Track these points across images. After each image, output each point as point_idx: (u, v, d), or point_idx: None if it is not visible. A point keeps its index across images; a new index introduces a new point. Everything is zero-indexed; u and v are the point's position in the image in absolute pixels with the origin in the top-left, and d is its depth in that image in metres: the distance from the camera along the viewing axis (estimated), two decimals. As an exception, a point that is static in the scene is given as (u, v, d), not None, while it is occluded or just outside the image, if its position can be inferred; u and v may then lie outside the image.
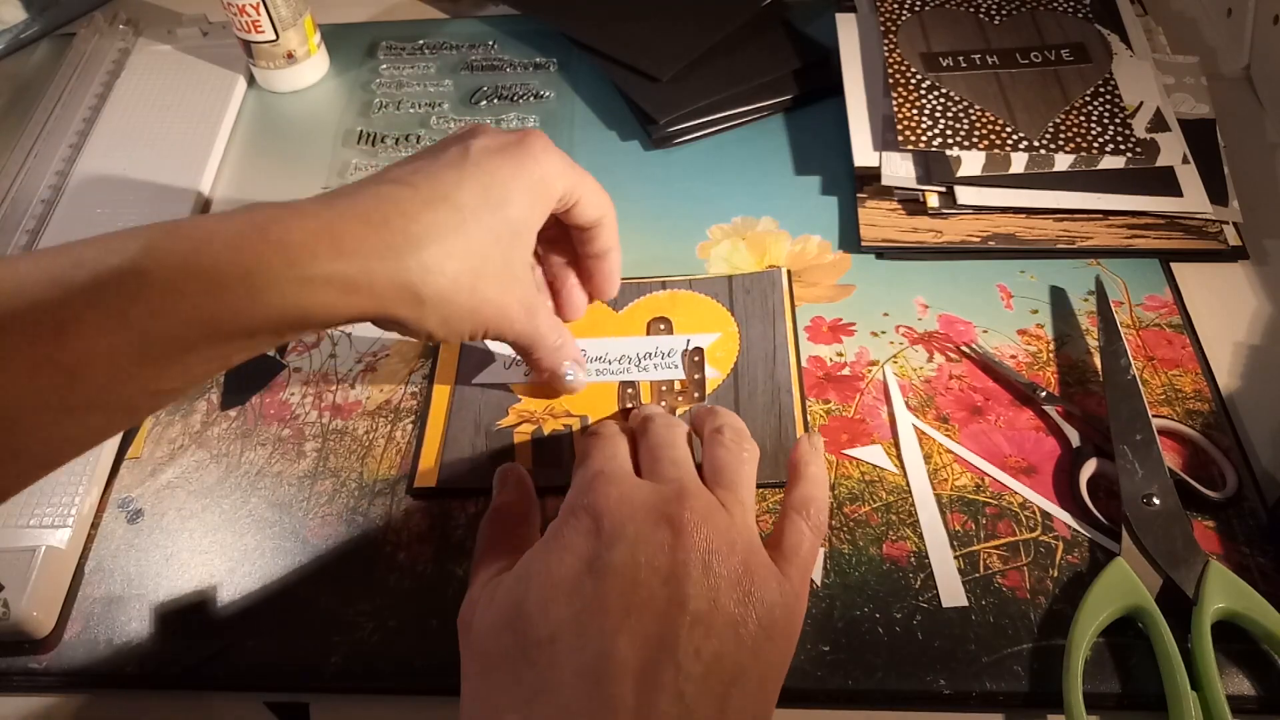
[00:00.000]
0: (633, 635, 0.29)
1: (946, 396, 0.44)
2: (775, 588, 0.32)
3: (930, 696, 0.36)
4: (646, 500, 0.33)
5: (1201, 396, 0.43)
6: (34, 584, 0.39)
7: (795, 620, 0.33)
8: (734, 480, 0.36)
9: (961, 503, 0.41)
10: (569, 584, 0.31)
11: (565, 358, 0.42)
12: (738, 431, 0.38)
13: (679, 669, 0.29)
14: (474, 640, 0.32)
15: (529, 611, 0.31)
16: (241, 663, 0.38)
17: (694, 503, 0.33)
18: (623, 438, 0.38)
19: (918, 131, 0.52)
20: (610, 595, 0.30)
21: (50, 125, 0.61)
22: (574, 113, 0.60)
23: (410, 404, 0.46)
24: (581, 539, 0.32)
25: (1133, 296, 0.47)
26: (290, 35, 0.61)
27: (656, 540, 0.31)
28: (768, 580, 0.32)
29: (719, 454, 0.37)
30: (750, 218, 0.53)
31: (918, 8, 0.59)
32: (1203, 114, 0.54)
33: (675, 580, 0.30)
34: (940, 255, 0.50)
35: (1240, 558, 0.38)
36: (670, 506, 0.32)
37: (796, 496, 0.36)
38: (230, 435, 0.45)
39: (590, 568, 0.31)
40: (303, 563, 0.41)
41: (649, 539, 0.31)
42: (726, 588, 0.31)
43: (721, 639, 0.30)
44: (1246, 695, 0.35)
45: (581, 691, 0.28)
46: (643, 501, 0.33)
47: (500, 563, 0.34)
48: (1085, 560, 0.39)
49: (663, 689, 0.28)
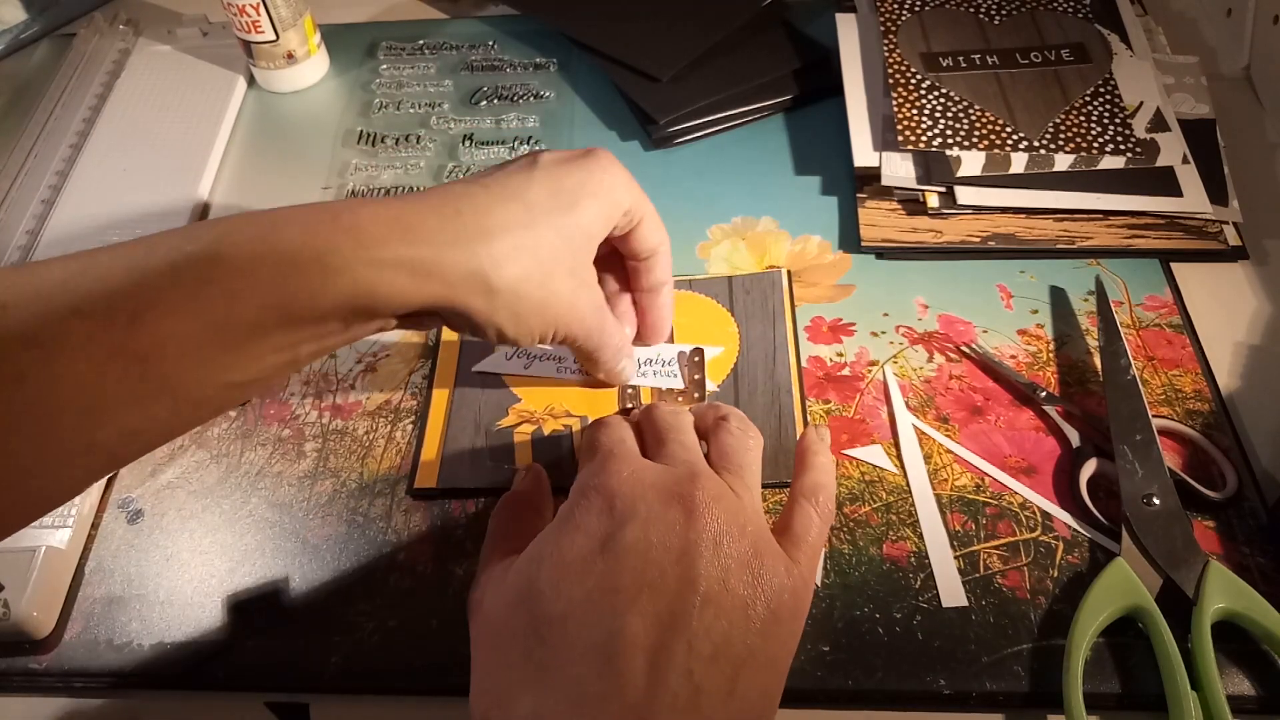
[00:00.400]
0: (644, 614, 0.29)
1: (946, 396, 0.44)
2: (784, 571, 0.32)
3: (930, 696, 0.36)
4: (658, 480, 0.33)
5: (1201, 396, 0.43)
6: (34, 584, 0.39)
7: (803, 604, 0.33)
8: (741, 465, 0.36)
9: (961, 503, 0.41)
10: (581, 563, 0.31)
11: (628, 354, 0.42)
12: (743, 420, 0.38)
13: (689, 648, 0.29)
14: (485, 619, 0.33)
15: (541, 590, 0.31)
16: (241, 663, 0.38)
17: (705, 484, 0.33)
18: (628, 425, 0.38)
19: (918, 131, 0.52)
20: (622, 574, 0.30)
21: (50, 125, 0.61)
22: (574, 113, 0.60)
23: (410, 404, 0.46)
24: (593, 518, 0.32)
25: (1133, 296, 0.47)
26: (290, 35, 0.61)
27: (668, 520, 0.31)
28: (776, 563, 0.32)
29: (726, 440, 0.37)
30: (750, 218, 0.53)
31: (918, 8, 0.59)
32: (1203, 114, 0.54)
33: (687, 560, 0.30)
34: (940, 255, 0.50)
35: (1240, 558, 0.38)
36: (682, 486, 0.32)
37: (805, 483, 0.36)
38: (230, 435, 0.45)
39: (602, 546, 0.31)
40: (303, 563, 0.41)
41: (661, 518, 0.31)
42: (737, 569, 0.31)
43: (731, 620, 0.30)
44: (1246, 695, 0.35)
45: (592, 668, 0.29)
46: (654, 481, 0.33)
47: (511, 546, 0.34)
48: (1085, 560, 0.39)
49: (673, 667, 0.28)
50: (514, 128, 0.60)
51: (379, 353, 0.48)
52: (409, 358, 0.48)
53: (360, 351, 0.48)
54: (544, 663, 0.29)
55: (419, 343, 0.48)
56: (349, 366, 0.48)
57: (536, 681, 0.29)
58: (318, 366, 0.48)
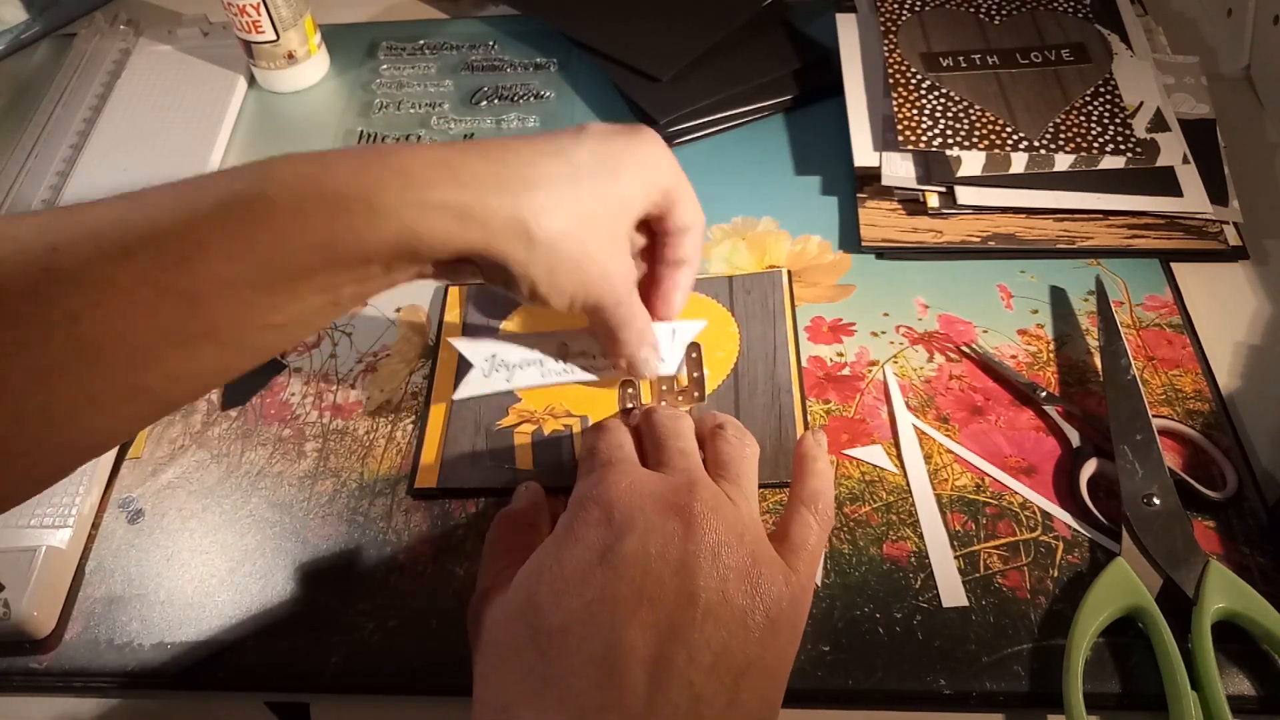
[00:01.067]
0: (643, 625, 0.29)
1: (946, 396, 0.44)
2: (781, 579, 0.32)
3: (930, 696, 0.36)
4: (656, 490, 0.33)
5: (1201, 396, 0.43)
6: (34, 584, 0.39)
7: (801, 613, 0.33)
8: (738, 473, 0.36)
9: (961, 503, 0.41)
10: (580, 575, 0.31)
11: (650, 340, 0.40)
12: (739, 428, 0.38)
13: (689, 659, 0.29)
14: (485, 633, 0.33)
15: (540, 603, 0.31)
16: (241, 663, 0.38)
17: (703, 494, 0.33)
18: (627, 430, 0.38)
19: (918, 131, 0.52)
20: (621, 585, 0.30)
21: (50, 125, 0.61)
22: (574, 113, 0.60)
23: (410, 404, 0.46)
24: (592, 530, 0.32)
25: (1133, 296, 0.47)
26: (291, 35, 0.61)
27: (667, 531, 0.31)
28: (774, 572, 0.32)
29: (722, 448, 0.37)
30: (750, 218, 0.53)
31: (918, 8, 0.59)
32: (1203, 114, 0.54)
33: (686, 571, 0.30)
34: (940, 255, 0.50)
35: (1240, 558, 0.38)
36: (680, 497, 0.33)
37: (805, 490, 0.36)
38: (231, 435, 0.45)
39: (601, 558, 0.31)
40: (303, 563, 0.41)
41: (659, 529, 0.32)
42: (735, 579, 0.31)
43: (730, 630, 0.30)
44: (1246, 695, 0.35)
45: (592, 680, 0.29)
46: (652, 492, 0.33)
47: (509, 560, 0.35)
48: (1085, 560, 0.39)
49: (673, 678, 0.28)
50: (514, 128, 0.60)
51: (379, 353, 0.48)
52: (409, 358, 0.48)
53: (360, 351, 0.48)
54: (544, 676, 0.29)
55: (419, 342, 0.48)
56: (349, 366, 0.48)
57: (537, 695, 0.29)
58: (318, 366, 0.48)
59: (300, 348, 0.48)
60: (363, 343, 0.49)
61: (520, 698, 0.29)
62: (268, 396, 0.47)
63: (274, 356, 0.46)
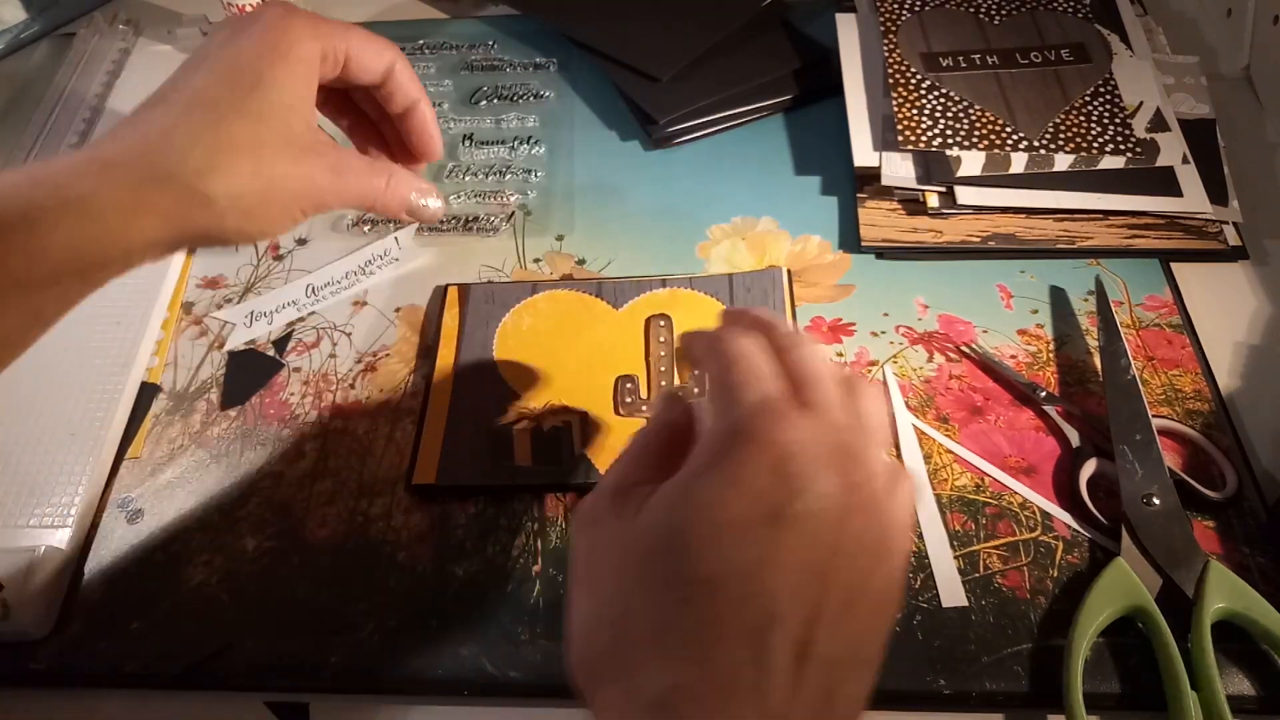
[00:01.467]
0: (803, 603, 0.27)
1: (946, 396, 0.44)
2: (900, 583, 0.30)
3: (930, 696, 0.36)
4: (831, 455, 0.28)
5: (1201, 396, 0.43)
6: (34, 584, 0.39)
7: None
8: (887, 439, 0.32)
9: (961, 503, 0.41)
10: (742, 526, 0.27)
11: (406, 190, 0.38)
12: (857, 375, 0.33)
13: (829, 650, 0.27)
14: (604, 551, 0.30)
15: (690, 545, 0.27)
16: (241, 663, 0.38)
17: (878, 472, 0.29)
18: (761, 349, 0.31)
19: (918, 131, 0.52)
20: (789, 554, 0.27)
21: (50, 125, 0.61)
22: (574, 113, 0.60)
23: (410, 404, 0.46)
24: (762, 478, 0.28)
25: (1133, 296, 0.47)
26: (290, 35, 0.61)
27: (841, 506, 0.28)
28: (902, 576, 0.30)
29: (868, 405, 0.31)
30: (750, 218, 0.53)
31: (918, 8, 0.59)
32: (1203, 114, 0.54)
33: (847, 554, 0.28)
34: (940, 255, 0.50)
35: (1240, 558, 0.38)
36: (855, 473, 0.28)
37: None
38: (230, 435, 0.45)
39: (770, 516, 0.27)
40: (302, 562, 0.41)
41: (834, 503, 0.28)
42: (885, 574, 0.29)
43: (866, 624, 0.28)
44: (1246, 695, 0.35)
45: (748, 652, 0.26)
46: (828, 456, 0.28)
47: (652, 475, 0.30)
48: (1085, 560, 0.39)
49: (816, 666, 0.26)
50: (514, 127, 0.60)
51: (379, 352, 0.48)
52: (409, 358, 0.48)
53: (360, 351, 0.48)
54: (686, 632, 0.26)
55: (419, 342, 0.48)
56: (349, 366, 0.48)
57: (679, 650, 0.26)
58: (318, 366, 0.48)
59: (300, 347, 0.48)
60: (362, 343, 0.49)
61: (649, 647, 0.27)
62: (267, 396, 0.47)
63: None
